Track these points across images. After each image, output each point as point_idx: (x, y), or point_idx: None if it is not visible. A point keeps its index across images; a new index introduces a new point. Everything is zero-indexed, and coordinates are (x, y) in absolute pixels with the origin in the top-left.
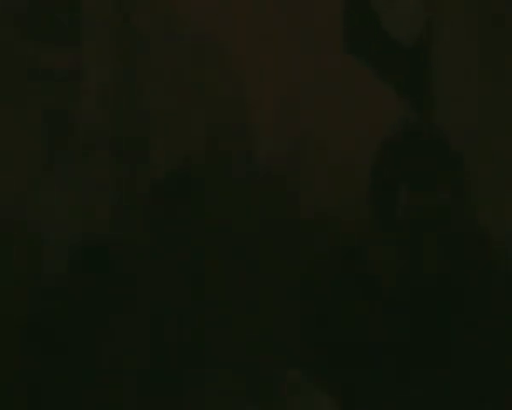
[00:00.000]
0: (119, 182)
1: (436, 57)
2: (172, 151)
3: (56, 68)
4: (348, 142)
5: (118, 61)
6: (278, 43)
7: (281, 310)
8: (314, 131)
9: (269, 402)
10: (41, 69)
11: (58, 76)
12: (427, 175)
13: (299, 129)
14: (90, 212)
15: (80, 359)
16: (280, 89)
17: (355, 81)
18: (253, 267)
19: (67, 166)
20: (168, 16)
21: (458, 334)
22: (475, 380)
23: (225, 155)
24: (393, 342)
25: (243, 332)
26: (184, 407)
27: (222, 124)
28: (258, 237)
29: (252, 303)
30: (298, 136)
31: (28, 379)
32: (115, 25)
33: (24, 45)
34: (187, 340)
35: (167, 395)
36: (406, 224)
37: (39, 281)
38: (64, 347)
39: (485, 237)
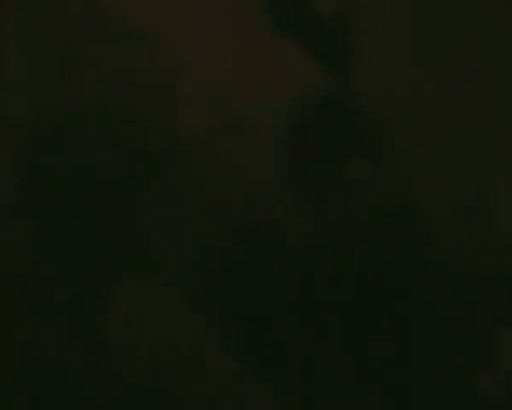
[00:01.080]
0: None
1: (363, 25)
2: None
3: None
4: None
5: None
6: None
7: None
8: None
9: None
10: None
11: None
12: (341, 144)
13: (227, 104)
14: None
15: None
16: (207, 61)
17: (280, 47)
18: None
19: None
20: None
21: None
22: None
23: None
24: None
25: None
26: None
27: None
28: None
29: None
30: (226, 109)
31: None
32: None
33: None
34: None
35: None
36: (313, 187)
37: None
38: None
39: (412, 209)
